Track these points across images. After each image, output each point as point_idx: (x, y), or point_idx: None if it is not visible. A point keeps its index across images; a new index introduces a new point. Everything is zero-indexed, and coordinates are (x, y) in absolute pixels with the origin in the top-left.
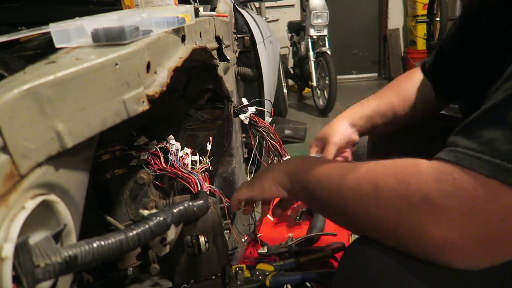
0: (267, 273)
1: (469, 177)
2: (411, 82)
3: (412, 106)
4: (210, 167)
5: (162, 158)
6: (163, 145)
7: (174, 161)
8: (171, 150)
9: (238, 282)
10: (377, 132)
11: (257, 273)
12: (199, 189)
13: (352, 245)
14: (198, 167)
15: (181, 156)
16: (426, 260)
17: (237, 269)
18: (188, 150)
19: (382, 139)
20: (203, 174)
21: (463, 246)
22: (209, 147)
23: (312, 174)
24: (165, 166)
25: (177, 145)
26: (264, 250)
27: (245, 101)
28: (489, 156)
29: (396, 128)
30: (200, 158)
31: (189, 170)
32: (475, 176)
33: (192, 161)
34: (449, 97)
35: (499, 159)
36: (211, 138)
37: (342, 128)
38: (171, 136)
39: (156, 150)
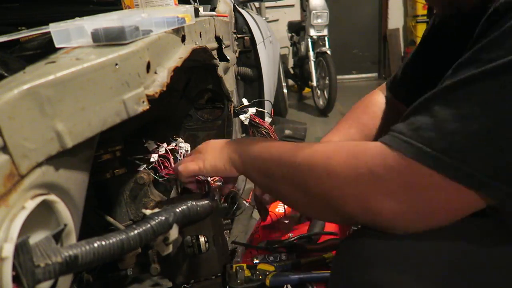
0: (267, 272)
1: (398, 157)
2: (369, 113)
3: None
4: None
5: (172, 160)
6: (173, 147)
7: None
8: (181, 152)
9: (238, 281)
10: None
11: (258, 272)
12: (206, 189)
13: (346, 239)
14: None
15: None
16: (369, 225)
17: (238, 268)
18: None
19: None
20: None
21: (400, 212)
22: None
23: (264, 152)
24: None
25: (187, 146)
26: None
27: (245, 101)
28: (414, 140)
29: None
30: None
31: None
32: (401, 156)
33: None
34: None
35: (421, 143)
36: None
37: None
38: (181, 139)
39: (166, 152)
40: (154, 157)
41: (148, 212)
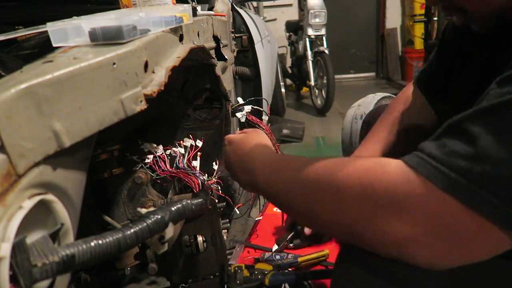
0: (266, 272)
1: (425, 186)
2: (402, 109)
3: (412, 135)
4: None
5: (167, 162)
6: (170, 149)
7: (180, 161)
8: (178, 154)
9: (238, 281)
10: None
11: (256, 272)
12: (200, 188)
13: (337, 267)
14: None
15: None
16: (394, 258)
17: (236, 268)
18: (199, 143)
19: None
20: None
21: (425, 244)
22: (216, 166)
23: (281, 175)
24: (169, 168)
25: (182, 150)
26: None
27: (240, 100)
28: (448, 168)
29: None
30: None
31: (193, 171)
32: (429, 186)
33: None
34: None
35: (456, 173)
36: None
37: None
38: (187, 139)
39: (162, 153)
40: (149, 158)
41: (143, 210)
